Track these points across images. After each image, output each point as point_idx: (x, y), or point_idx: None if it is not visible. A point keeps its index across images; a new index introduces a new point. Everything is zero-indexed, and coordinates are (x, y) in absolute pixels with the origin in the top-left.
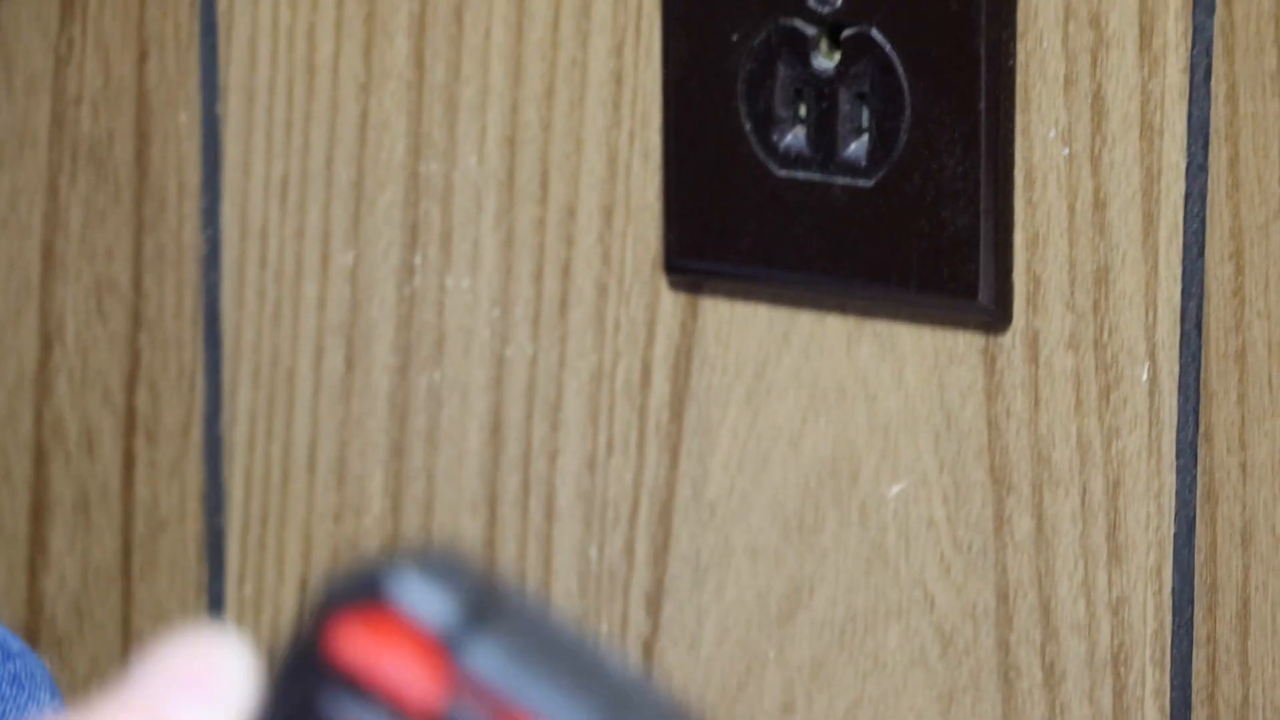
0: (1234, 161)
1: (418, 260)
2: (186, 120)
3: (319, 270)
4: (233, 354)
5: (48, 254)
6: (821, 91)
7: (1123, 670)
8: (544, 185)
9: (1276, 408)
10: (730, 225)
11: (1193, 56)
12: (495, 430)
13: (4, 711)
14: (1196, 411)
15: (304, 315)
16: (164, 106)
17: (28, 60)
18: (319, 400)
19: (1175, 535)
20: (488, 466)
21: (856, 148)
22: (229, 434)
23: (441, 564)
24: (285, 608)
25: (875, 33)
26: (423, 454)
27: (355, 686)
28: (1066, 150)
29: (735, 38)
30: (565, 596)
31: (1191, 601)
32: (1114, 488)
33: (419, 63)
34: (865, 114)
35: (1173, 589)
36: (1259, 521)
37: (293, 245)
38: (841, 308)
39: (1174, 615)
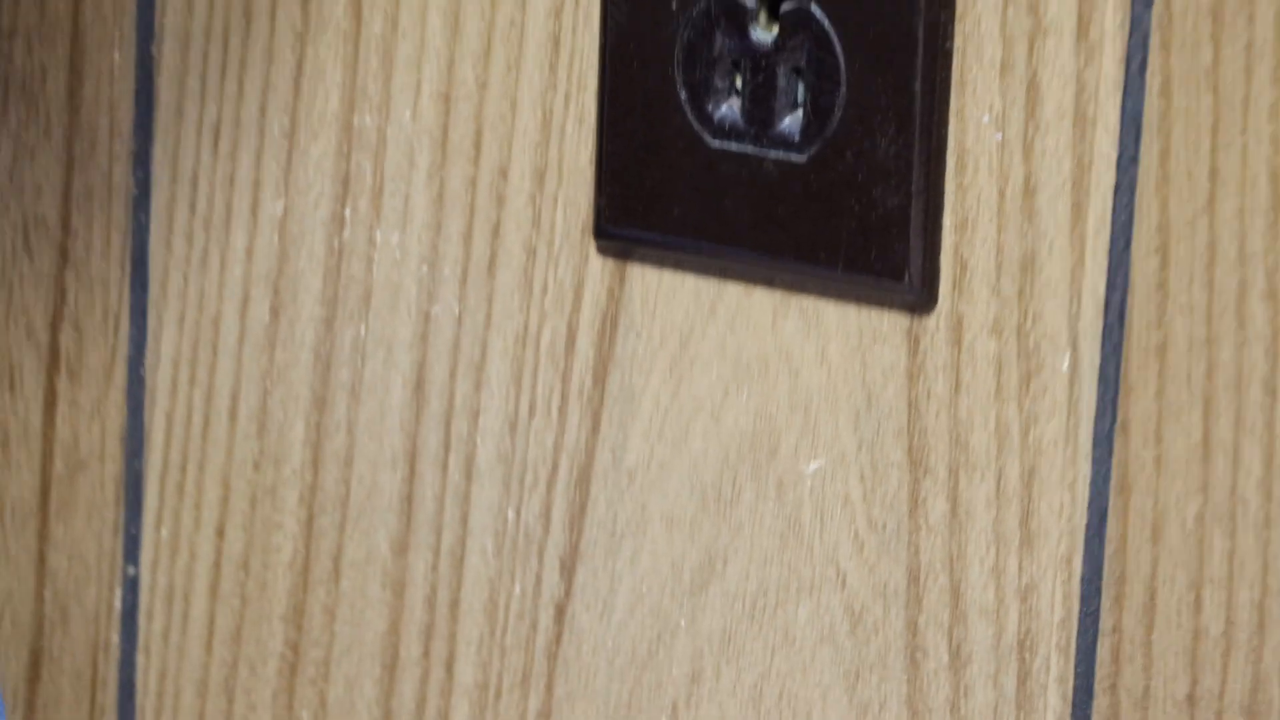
0: (1165, 155)
1: (347, 213)
2: (120, 60)
3: (248, 218)
4: (159, 298)
5: None
6: (758, 64)
7: (1028, 656)
8: (477, 144)
9: (1194, 403)
10: (661, 194)
11: (1129, 48)
12: (418, 387)
13: None
14: (1115, 403)
15: (231, 263)
16: (98, 45)
17: None
18: (243, 348)
19: (1087, 525)
20: (409, 422)
21: (791, 122)
22: (152, 377)
23: None
24: (201, 553)
25: (815, 8)
26: (345, 407)
27: None
28: (999, 135)
29: (674, 6)
30: (481, 556)
31: (1099, 591)
32: (1029, 475)
33: (357, 14)
34: (801, 89)
35: (1082, 578)
36: (1170, 515)
37: (223, 192)
38: (769, 281)
39: (1081, 604)
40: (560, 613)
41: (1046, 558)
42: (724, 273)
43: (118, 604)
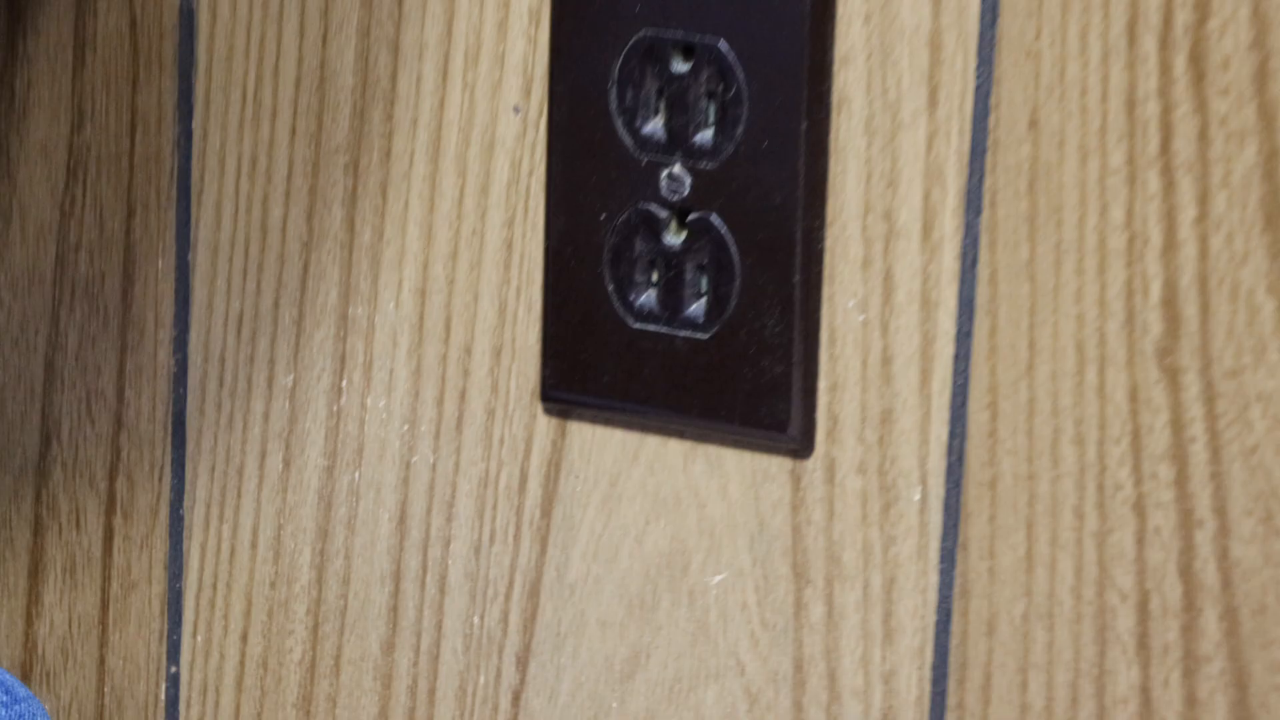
0: (993, 331)
1: (344, 384)
2: (163, 266)
3: (265, 389)
4: (194, 453)
5: (49, 369)
6: (670, 262)
7: None
8: (447, 328)
9: (1019, 526)
10: (594, 366)
11: (963, 247)
12: (401, 521)
13: None
14: (956, 527)
15: (251, 424)
16: (146, 255)
17: (38, 213)
18: (261, 492)
19: (936, 623)
20: (394, 549)
21: (697, 308)
22: (189, 516)
23: None
24: (229, 655)
25: (714, 218)
26: (343, 537)
27: None
28: (862, 317)
29: (603, 217)
30: (453, 654)
31: (946, 675)
32: (890, 584)
33: (350, 226)
34: (704, 281)
35: (932, 665)
36: (1001, 614)
37: (244, 369)
38: (680, 434)
39: (932, 686)
40: (516, 699)
41: (904, 649)
42: (644, 427)
43: (163, 696)
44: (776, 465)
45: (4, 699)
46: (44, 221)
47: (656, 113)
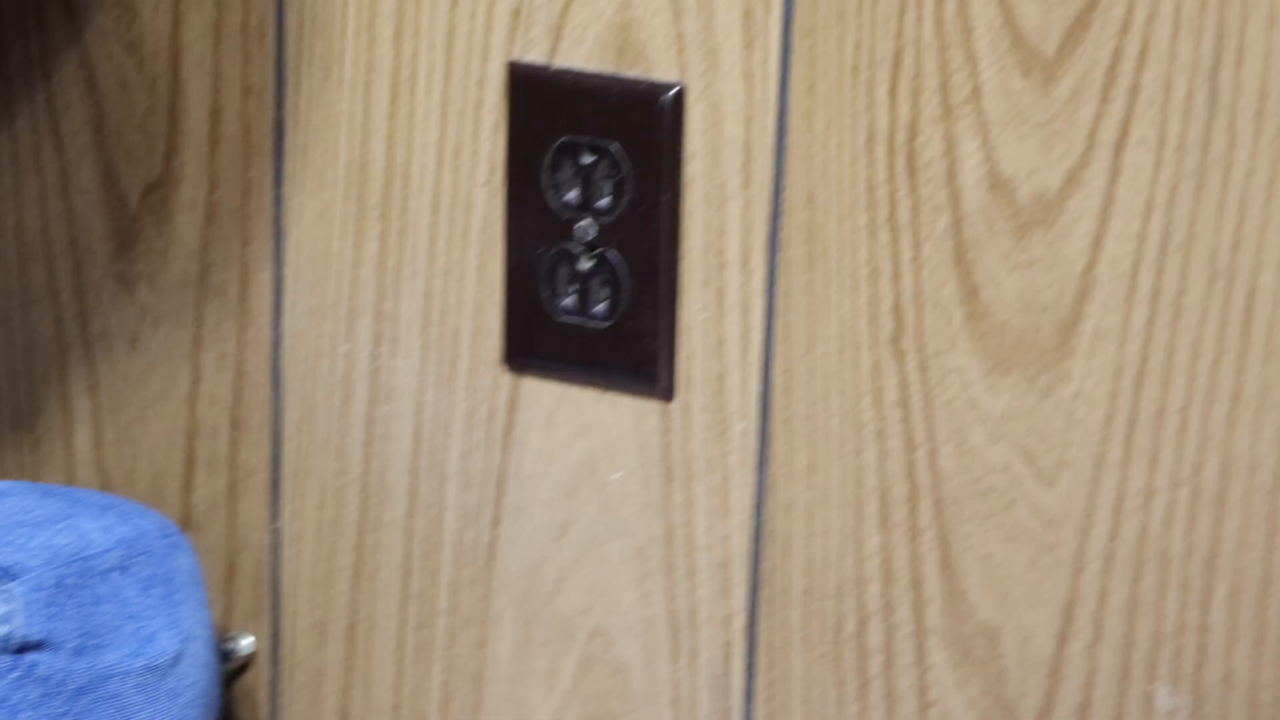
0: (787, 326)
1: (380, 351)
2: (265, 277)
3: (330, 354)
4: (285, 391)
5: (195, 339)
6: (583, 279)
7: (729, 569)
8: (443, 318)
9: (805, 446)
10: (537, 342)
11: (767, 273)
12: (417, 436)
13: (164, 561)
14: (766, 446)
15: (320, 375)
16: (255, 269)
17: (189, 242)
18: (329, 416)
19: (754, 505)
20: (413, 455)
21: (600, 308)
22: (283, 430)
23: None
24: (309, 516)
25: (611, 253)
26: (380, 445)
27: None
28: (704, 315)
29: (539, 251)
30: (450, 520)
31: (761, 538)
32: (724, 481)
33: (383, 254)
34: (605, 292)
35: (752, 532)
36: (795, 501)
37: (315, 342)
38: (592, 385)
39: (752, 544)
40: (491, 547)
41: (734, 522)
42: (569, 381)
43: (267, 542)
44: (653, 406)
45: (161, 532)
46: (192, 247)
47: (573, 187)
